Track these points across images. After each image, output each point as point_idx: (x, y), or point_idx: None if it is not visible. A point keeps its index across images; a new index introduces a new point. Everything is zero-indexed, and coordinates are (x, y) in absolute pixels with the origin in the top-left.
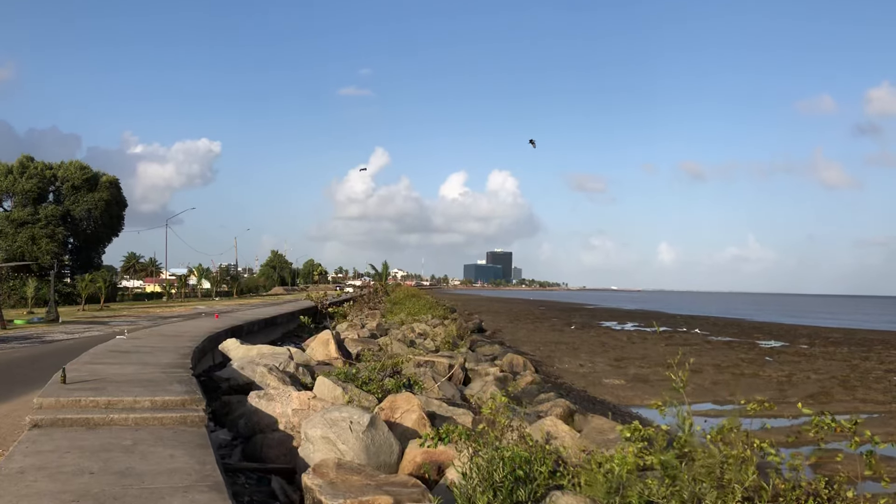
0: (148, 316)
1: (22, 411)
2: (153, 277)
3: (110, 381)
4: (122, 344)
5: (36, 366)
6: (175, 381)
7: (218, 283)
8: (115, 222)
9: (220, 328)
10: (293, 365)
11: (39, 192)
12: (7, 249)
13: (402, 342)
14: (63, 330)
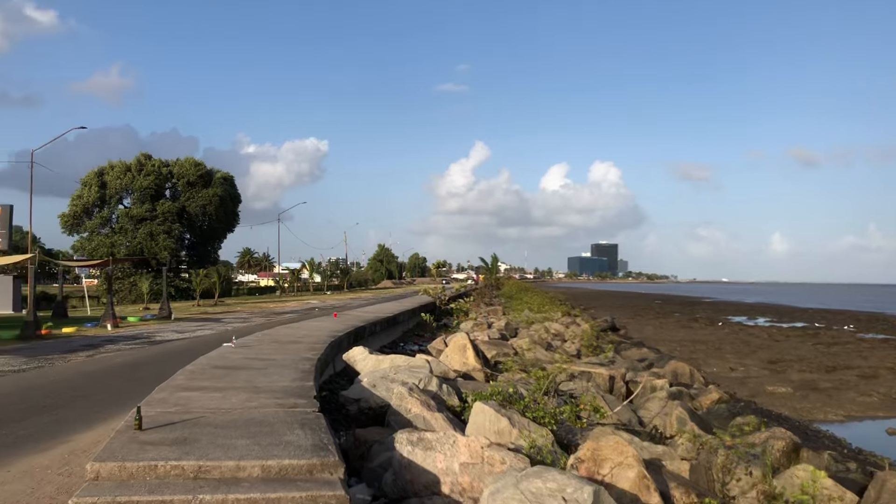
0: (261, 311)
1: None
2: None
3: (206, 425)
4: (230, 355)
5: (136, 375)
6: (297, 423)
7: (328, 277)
8: (229, 218)
9: (341, 331)
10: (435, 382)
11: (157, 188)
12: (127, 246)
13: (537, 345)
14: (174, 328)
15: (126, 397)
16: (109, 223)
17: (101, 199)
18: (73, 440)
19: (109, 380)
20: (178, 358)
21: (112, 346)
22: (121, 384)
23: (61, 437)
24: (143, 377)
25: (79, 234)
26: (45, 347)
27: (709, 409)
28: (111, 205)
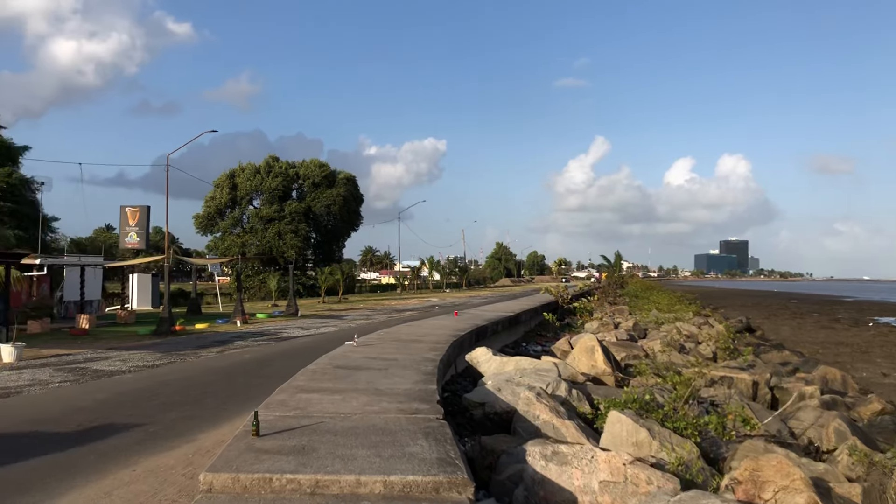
0: (383, 308)
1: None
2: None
3: (325, 432)
4: (351, 355)
5: (262, 371)
6: (420, 431)
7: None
8: (352, 217)
9: (463, 330)
10: (564, 387)
11: (284, 189)
12: (257, 245)
13: (670, 347)
14: (300, 325)
15: (251, 395)
16: (240, 223)
17: (233, 200)
18: (198, 439)
19: (237, 376)
20: (302, 355)
21: (241, 342)
22: (247, 381)
23: (187, 435)
24: (269, 374)
25: (212, 234)
26: (179, 343)
27: (870, 420)
28: (242, 205)
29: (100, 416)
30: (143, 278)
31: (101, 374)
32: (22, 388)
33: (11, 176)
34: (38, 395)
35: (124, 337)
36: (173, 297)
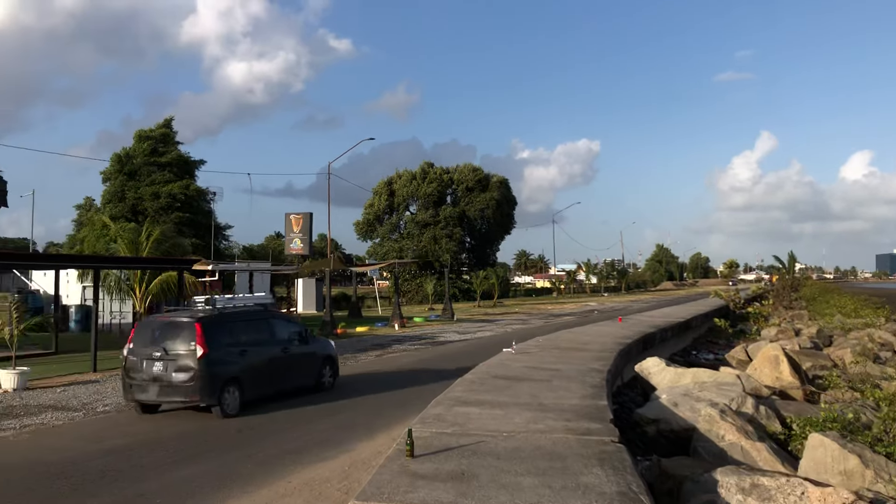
0: (539, 313)
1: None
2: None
3: (486, 454)
4: (510, 364)
5: (419, 377)
6: (594, 457)
7: (604, 279)
8: (506, 220)
9: (629, 337)
10: (750, 403)
11: (439, 195)
12: (413, 249)
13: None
14: (456, 329)
15: (408, 401)
16: (398, 229)
17: (390, 206)
18: (354, 449)
19: (394, 381)
20: (458, 360)
21: (399, 345)
22: (404, 387)
23: (345, 444)
24: (426, 380)
25: (371, 239)
26: (340, 346)
27: None
28: (399, 211)
29: (261, 422)
30: (307, 283)
31: None
32: None
33: (189, 188)
34: None
35: None
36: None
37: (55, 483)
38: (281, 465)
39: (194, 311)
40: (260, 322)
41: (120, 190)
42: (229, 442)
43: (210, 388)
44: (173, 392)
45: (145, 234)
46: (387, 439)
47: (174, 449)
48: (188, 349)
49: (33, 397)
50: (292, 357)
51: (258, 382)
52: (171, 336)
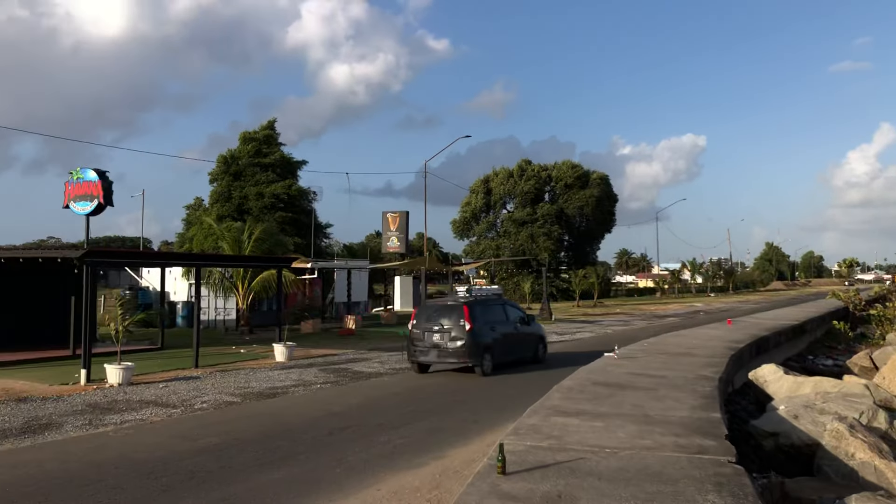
0: (641, 314)
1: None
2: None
3: (586, 473)
4: (612, 368)
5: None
6: (710, 481)
7: (710, 279)
8: (606, 218)
9: (740, 341)
10: (883, 417)
11: (536, 192)
12: (511, 248)
13: None
14: (554, 329)
15: (503, 406)
16: (494, 227)
17: (487, 204)
18: (446, 455)
19: (489, 384)
20: (556, 363)
21: None
22: (500, 390)
23: (435, 450)
24: (524, 382)
25: (468, 238)
26: None
27: None
28: (496, 209)
29: (352, 423)
30: (405, 281)
31: (359, 377)
32: (287, 388)
33: (291, 188)
34: (300, 396)
35: (386, 338)
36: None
37: (145, 483)
38: (370, 471)
39: (459, 298)
40: (499, 307)
41: (226, 190)
42: (321, 443)
43: (475, 353)
44: (449, 356)
45: (247, 232)
46: (480, 446)
47: (265, 449)
48: (459, 324)
49: (136, 392)
50: (520, 334)
51: (502, 351)
52: (445, 315)
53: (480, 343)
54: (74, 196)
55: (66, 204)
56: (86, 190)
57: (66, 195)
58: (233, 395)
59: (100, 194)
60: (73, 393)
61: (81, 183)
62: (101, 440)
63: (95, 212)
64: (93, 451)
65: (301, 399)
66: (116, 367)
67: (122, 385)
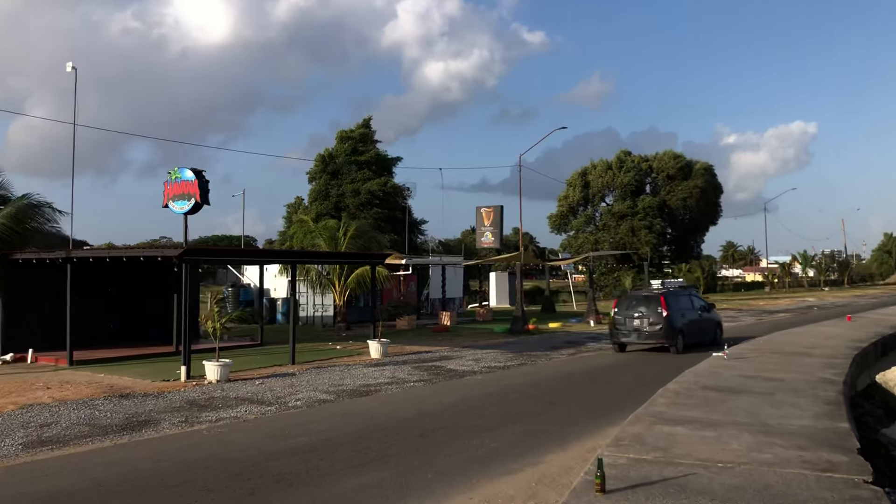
0: (749, 309)
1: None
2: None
3: (698, 492)
4: (722, 371)
5: (615, 380)
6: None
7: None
8: (711, 210)
9: (862, 340)
10: None
11: (637, 184)
12: (610, 242)
13: None
14: None
15: (603, 409)
16: (593, 221)
17: (585, 198)
18: (543, 461)
19: (588, 385)
20: (660, 363)
21: (594, 343)
22: (599, 392)
23: (531, 455)
24: (623, 384)
25: (565, 232)
26: (531, 343)
27: None
28: (594, 203)
29: (444, 424)
30: (500, 276)
31: (453, 375)
32: (381, 385)
33: (387, 185)
34: (392, 394)
35: (481, 335)
36: (529, 294)
37: (232, 485)
38: (462, 477)
39: (653, 289)
40: (686, 297)
41: (324, 188)
42: (411, 445)
43: (670, 335)
44: (648, 337)
45: (342, 229)
46: (578, 452)
47: (354, 450)
48: (657, 311)
49: (233, 389)
50: (703, 320)
51: (690, 334)
52: (644, 304)
53: (674, 327)
54: (173, 195)
55: (166, 203)
56: (184, 189)
57: (165, 195)
58: (326, 392)
59: (197, 193)
60: (173, 389)
61: (179, 182)
62: (194, 438)
63: (193, 210)
64: (185, 449)
65: (393, 397)
66: (214, 363)
67: (220, 382)
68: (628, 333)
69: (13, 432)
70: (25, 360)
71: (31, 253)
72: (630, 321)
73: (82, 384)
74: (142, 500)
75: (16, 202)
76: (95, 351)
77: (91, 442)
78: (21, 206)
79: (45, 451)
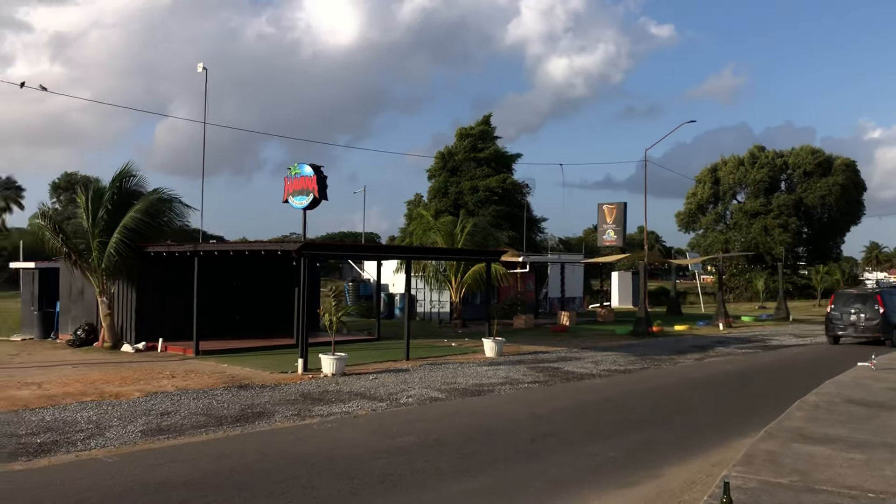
0: None
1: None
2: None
3: None
4: (869, 384)
5: (746, 389)
6: None
7: None
8: (852, 208)
9: None
10: None
11: (770, 181)
12: (741, 241)
13: None
14: (792, 331)
15: (732, 421)
16: (723, 219)
17: (715, 195)
18: (662, 475)
19: (715, 392)
20: (797, 372)
21: (722, 348)
22: (727, 399)
23: (649, 467)
24: (754, 393)
25: (693, 231)
26: (654, 346)
27: None
28: (725, 200)
29: (558, 429)
30: (623, 276)
31: (570, 377)
32: (494, 386)
33: (506, 182)
34: (505, 395)
35: (601, 336)
36: (653, 295)
37: (336, 483)
38: (574, 488)
39: (869, 288)
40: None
41: (443, 186)
42: (521, 451)
43: (886, 329)
44: (863, 332)
45: (460, 226)
46: (703, 465)
47: (461, 453)
48: (874, 308)
49: (347, 383)
50: None
51: None
52: (860, 301)
53: (890, 322)
54: (293, 191)
55: (286, 199)
56: (302, 185)
57: (285, 190)
58: (438, 390)
59: (315, 188)
60: (290, 382)
61: (298, 178)
62: (304, 433)
63: (311, 206)
64: (294, 443)
65: (505, 398)
66: (330, 357)
67: (335, 375)
68: (844, 328)
69: (135, 419)
70: (156, 349)
71: (162, 246)
72: (847, 316)
73: (205, 374)
74: (244, 495)
75: (148, 197)
76: (221, 341)
77: (205, 432)
78: (153, 201)
79: (162, 439)
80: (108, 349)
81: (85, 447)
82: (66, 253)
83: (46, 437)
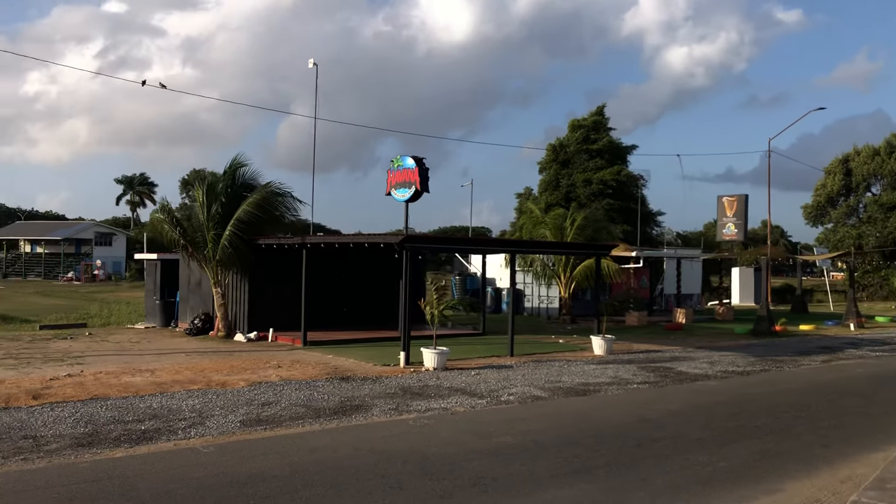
0: None
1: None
2: None
3: None
4: None
5: (878, 396)
6: None
7: None
8: None
9: None
10: None
11: None
12: (876, 236)
13: None
14: None
15: (863, 431)
16: (856, 212)
17: (846, 187)
18: (782, 490)
19: (844, 398)
20: None
21: (853, 350)
22: (858, 408)
23: (768, 480)
24: (890, 400)
25: (822, 224)
26: (777, 347)
27: None
28: (858, 192)
29: (666, 434)
30: (745, 272)
31: (683, 378)
32: (600, 385)
33: (620, 174)
34: (612, 396)
35: (718, 335)
36: (778, 293)
37: (425, 485)
38: (681, 501)
39: None
40: None
41: (554, 178)
42: (625, 456)
43: None
44: None
45: (569, 219)
46: (830, 482)
47: (560, 457)
48: None
49: (448, 378)
50: None
51: None
52: None
53: None
54: (395, 184)
55: (388, 191)
56: (405, 177)
57: (388, 183)
58: (541, 388)
59: (417, 181)
60: (391, 375)
61: (401, 170)
62: (399, 428)
63: (413, 198)
64: (388, 440)
65: (612, 400)
66: (432, 351)
67: (437, 370)
68: None
69: (237, 409)
70: (267, 339)
71: (273, 238)
72: None
73: (310, 364)
74: (330, 492)
75: (260, 190)
76: (328, 332)
77: (302, 424)
78: (265, 195)
79: (259, 430)
80: (222, 338)
81: (185, 436)
82: (183, 245)
83: (150, 425)
